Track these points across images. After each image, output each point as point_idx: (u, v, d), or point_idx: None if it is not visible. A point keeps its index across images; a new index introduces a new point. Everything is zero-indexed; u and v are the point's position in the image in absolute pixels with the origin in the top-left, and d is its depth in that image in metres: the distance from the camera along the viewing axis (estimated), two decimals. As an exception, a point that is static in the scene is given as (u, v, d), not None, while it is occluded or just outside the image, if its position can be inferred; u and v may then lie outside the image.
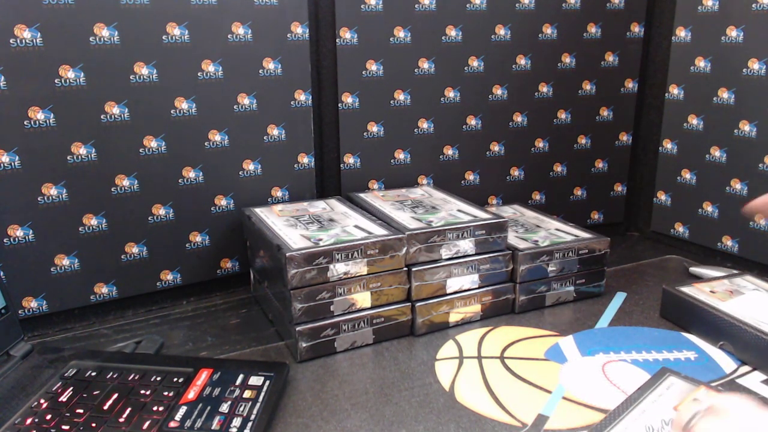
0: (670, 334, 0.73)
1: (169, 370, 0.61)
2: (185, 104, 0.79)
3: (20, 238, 0.73)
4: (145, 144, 0.77)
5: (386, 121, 0.91)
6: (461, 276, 0.75)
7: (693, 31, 0.96)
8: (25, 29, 0.68)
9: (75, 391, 0.58)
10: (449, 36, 0.91)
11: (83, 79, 0.72)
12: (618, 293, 0.85)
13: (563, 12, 0.97)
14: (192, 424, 0.53)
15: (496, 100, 0.97)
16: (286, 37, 0.83)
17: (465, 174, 0.98)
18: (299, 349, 0.67)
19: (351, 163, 0.91)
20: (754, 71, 0.88)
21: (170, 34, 0.76)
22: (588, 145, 1.05)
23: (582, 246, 0.81)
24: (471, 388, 0.63)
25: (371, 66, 0.88)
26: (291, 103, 0.86)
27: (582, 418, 0.58)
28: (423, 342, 0.72)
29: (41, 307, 0.75)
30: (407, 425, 0.57)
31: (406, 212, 0.79)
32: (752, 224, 0.91)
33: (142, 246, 0.80)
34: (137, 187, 0.78)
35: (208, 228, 0.84)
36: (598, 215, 1.10)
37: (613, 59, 1.02)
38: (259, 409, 0.55)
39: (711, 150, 0.96)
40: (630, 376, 0.64)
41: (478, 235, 0.75)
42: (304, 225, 0.75)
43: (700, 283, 0.79)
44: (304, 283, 0.66)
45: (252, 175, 0.85)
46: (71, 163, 0.74)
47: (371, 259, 0.69)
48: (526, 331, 0.75)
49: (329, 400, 0.61)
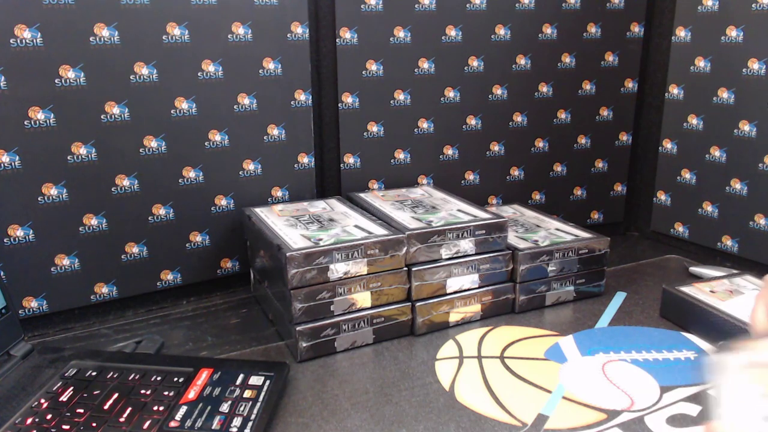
0: (670, 334, 0.73)
1: (170, 370, 0.61)
2: (185, 104, 0.79)
3: (20, 238, 0.73)
4: (145, 144, 0.78)
5: (386, 121, 0.91)
6: (461, 276, 0.75)
7: (693, 31, 0.96)
8: (25, 29, 0.68)
9: (75, 391, 0.58)
10: (449, 36, 0.91)
11: (83, 79, 0.72)
12: (618, 293, 0.85)
13: (563, 12, 0.97)
14: (192, 423, 0.53)
15: (496, 100, 0.97)
16: (286, 37, 0.83)
17: (465, 174, 0.99)
18: (299, 348, 0.67)
19: (351, 163, 0.91)
20: (754, 71, 0.88)
21: (170, 34, 0.76)
22: (588, 145, 1.05)
23: (582, 246, 0.81)
24: (471, 388, 0.63)
25: (371, 66, 0.88)
26: (291, 103, 0.86)
27: (582, 418, 0.58)
28: (423, 342, 0.72)
29: (41, 306, 0.75)
30: (407, 425, 0.57)
31: (406, 212, 0.79)
32: (752, 224, 0.91)
33: (143, 246, 0.80)
34: (137, 187, 0.78)
35: (208, 228, 0.84)
36: (598, 215, 1.10)
37: (613, 59, 1.02)
38: (259, 408, 0.55)
39: (711, 150, 0.96)
40: (630, 376, 0.64)
41: (478, 235, 0.75)
42: (304, 225, 0.75)
43: (700, 282, 0.79)
44: (304, 282, 0.66)
45: (252, 175, 0.85)
46: (71, 163, 0.74)
47: (371, 259, 0.70)
48: (526, 331, 0.75)
49: (329, 400, 0.61)
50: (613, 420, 0.57)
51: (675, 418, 0.57)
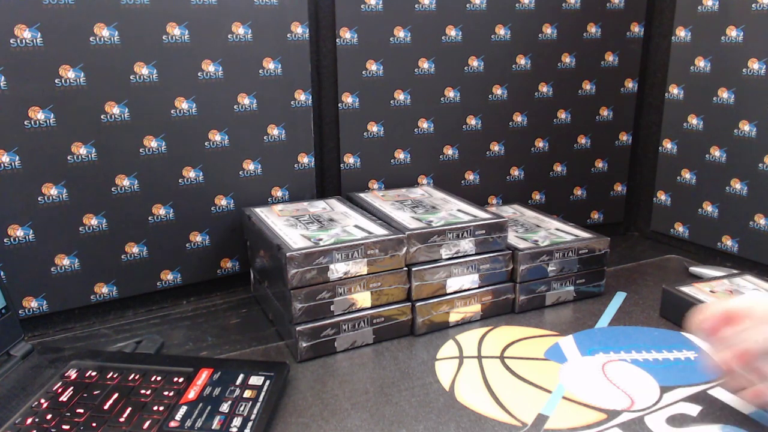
0: (670, 334, 0.73)
1: (170, 370, 0.61)
2: (185, 104, 0.79)
3: (20, 238, 0.73)
4: (145, 144, 0.78)
5: (386, 121, 0.91)
6: (461, 276, 0.75)
7: (693, 31, 0.96)
8: (25, 29, 0.68)
9: (75, 391, 0.58)
10: (449, 36, 0.91)
11: (83, 79, 0.72)
12: (618, 293, 0.85)
13: (563, 12, 0.97)
14: (192, 423, 0.53)
15: (496, 100, 0.97)
16: (286, 37, 0.83)
17: (465, 174, 0.99)
18: (299, 348, 0.67)
19: (351, 163, 0.91)
20: (754, 71, 0.88)
21: (170, 34, 0.76)
22: (588, 145, 1.05)
23: (582, 246, 0.81)
24: (471, 388, 0.63)
25: (371, 66, 0.88)
26: (291, 103, 0.86)
27: (582, 418, 0.58)
28: (423, 342, 0.72)
29: (41, 306, 0.75)
30: (407, 425, 0.57)
31: (406, 212, 0.79)
32: (752, 224, 0.91)
33: (143, 246, 0.80)
34: (137, 187, 0.78)
35: (208, 228, 0.84)
36: (598, 215, 1.10)
37: (613, 59, 1.02)
38: (259, 408, 0.56)
39: (711, 150, 0.96)
40: (630, 376, 0.64)
41: (478, 235, 0.75)
42: (304, 225, 0.75)
43: (700, 282, 0.79)
44: (304, 282, 0.66)
45: (252, 175, 0.85)
46: (71, 163, 0.74)
47: (371, 259, 0.70)
48: (526, 331, 0.75)
49: (329, 400, 0.61)
50: (613, 420, 0.57)
51: (675, 418, 0.57)
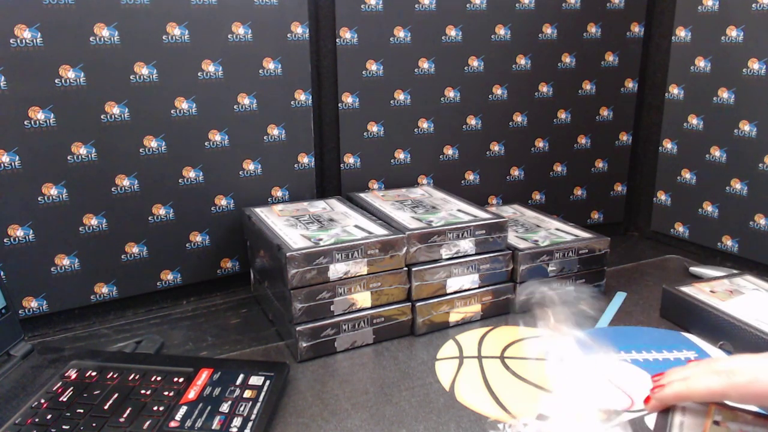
0: (670, 334, 0.73)
1: (170, 370, 0.61)
2: (185, 104, 0.79)
3: (20, 238, 0.73)
4: (145, 144, 0.77)
5: (386, 121, 0.91)
6: (461, 276, 0.75)
7: (693, 31, 0.96)
8: (25, 29, 0.68)
9: (75, 391, 0.58)
10: (449, 36, 0.91)
11: (83, 79, 0.72)
12: (618, 293, 0.85)
13: (563, 12, 0.97)
14: (192, 423, 0.53)
15: (496, 100, 0.97)
16: (286, 37, 0.83)
17: (465, 174, 0.98)
18: (299, 348, 0.67)
19: (351, 163, 0.91)
20: (754, 71, 0.88)
21: (170, 34, 0.76)
22: (588, 145, 1.05)
23: (582, 246, 0.81)
24: (471, 388, 0.63)
25: (371, 66, 0.88)
26: (291, 103, 0.86)
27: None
28: (423, 342, 0.72)
29: (41, 306, 0.75)
30: (407, 425, 0.57)
31: (406, 212, 0.79)
32: (752, 224, 0.91)
33: (143, 246, 0.80)
34: (137, 187, 0.78)
35: (208, 228, 0.84)
36: (598, 215, 1.10)
37: (613, 59, 1.02)
38: (259, 408, 0.55)
39: (711, 150, 0.96)
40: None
41: (478, 235, 0.75)
42: (304, 225, 0.75)
43: (700, 282, 0.79)
44: (304, 282, 0.66)
45: (252, 175, 0.85)
46: (71, 163, 0.74)
47: (371, 259, 0.70)
48: (526, 331, 0.75)
49: (329, 400, 0.61)
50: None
51: (675, 418, 0.57)
